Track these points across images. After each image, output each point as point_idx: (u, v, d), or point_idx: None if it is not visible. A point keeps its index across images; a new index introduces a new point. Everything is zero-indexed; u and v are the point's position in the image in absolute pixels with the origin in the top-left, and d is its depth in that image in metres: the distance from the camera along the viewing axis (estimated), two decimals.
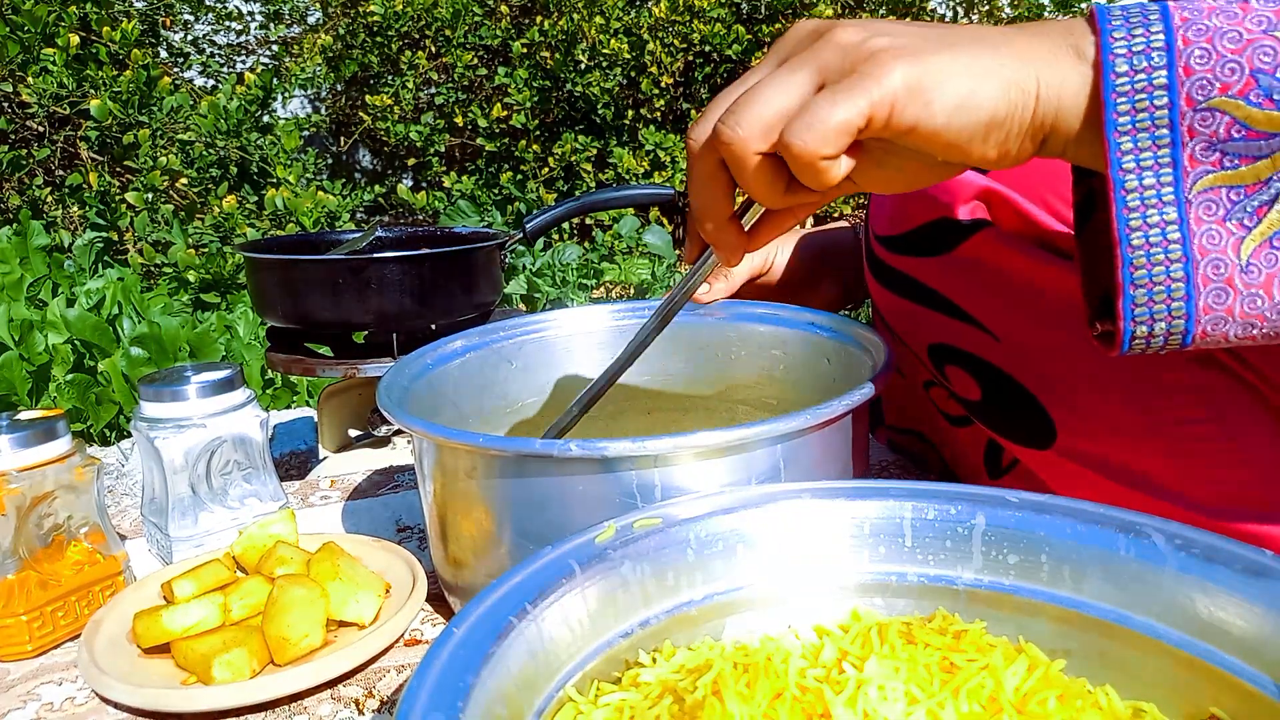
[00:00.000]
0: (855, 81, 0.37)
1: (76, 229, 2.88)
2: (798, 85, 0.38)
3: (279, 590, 0.57)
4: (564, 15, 3.36)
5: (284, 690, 0.53)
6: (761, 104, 0.38)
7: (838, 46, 0.38)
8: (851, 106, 0.36)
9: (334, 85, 3.62)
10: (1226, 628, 0.37)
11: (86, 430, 1.63)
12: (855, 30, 0.38)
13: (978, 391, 0.62)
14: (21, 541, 0.60)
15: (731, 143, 0.39)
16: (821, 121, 0.37)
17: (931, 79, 0.37)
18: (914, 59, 0.37)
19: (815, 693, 0.35)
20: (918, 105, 0.36)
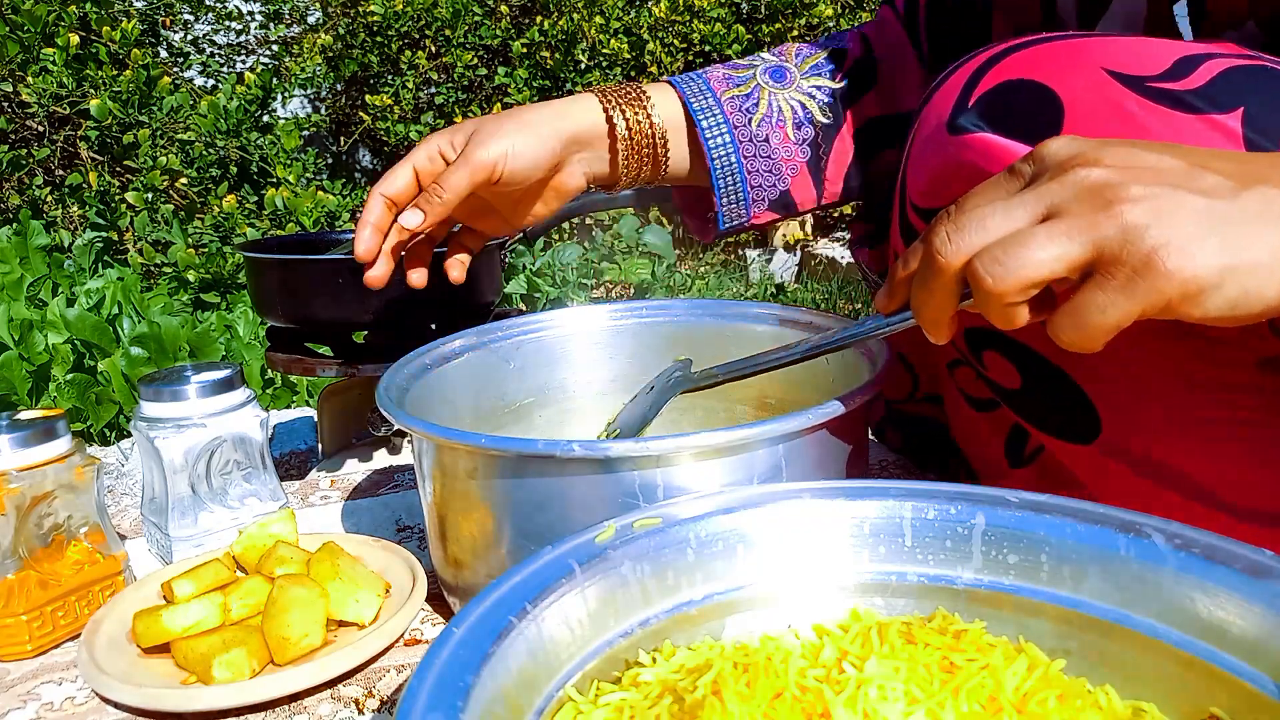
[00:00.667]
0: (1132, 286, 0.36)
1: (76, 229, 2.89)
2: (1069, 257, 0.37)
3: (279, 590, 0.57)
4: (564, 15, 3.36)
5: (284, 690, 0.53)
6: (1029, 266, 0.37)
7: (1121, 229, 0.36)
8: (1123, 313, 0.37)
9: (334, 85, 3.62)
10: (1226, 627, 0.37)
11: (86, 430, 1.63)
12: (1144, 208, 0.36)
13: (1018, 380, 0.60)
14: (21, 541, 0.60)
15: (990, 291, 0.38)
16: (1093, 324, 0.37)
17: (1209, 281, 0.36)
18: (1194, 256, 0.36)
19: (815, 692, 0.35)
20: (1189, 306, 0.36)
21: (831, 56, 0.77)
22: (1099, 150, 0.39)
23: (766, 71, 0.75)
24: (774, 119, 0.75)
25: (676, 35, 3.38)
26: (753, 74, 0.75)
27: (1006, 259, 0.38)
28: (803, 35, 3.57)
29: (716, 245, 3.51)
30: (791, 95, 0.75)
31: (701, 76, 0.76)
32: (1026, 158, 0.41)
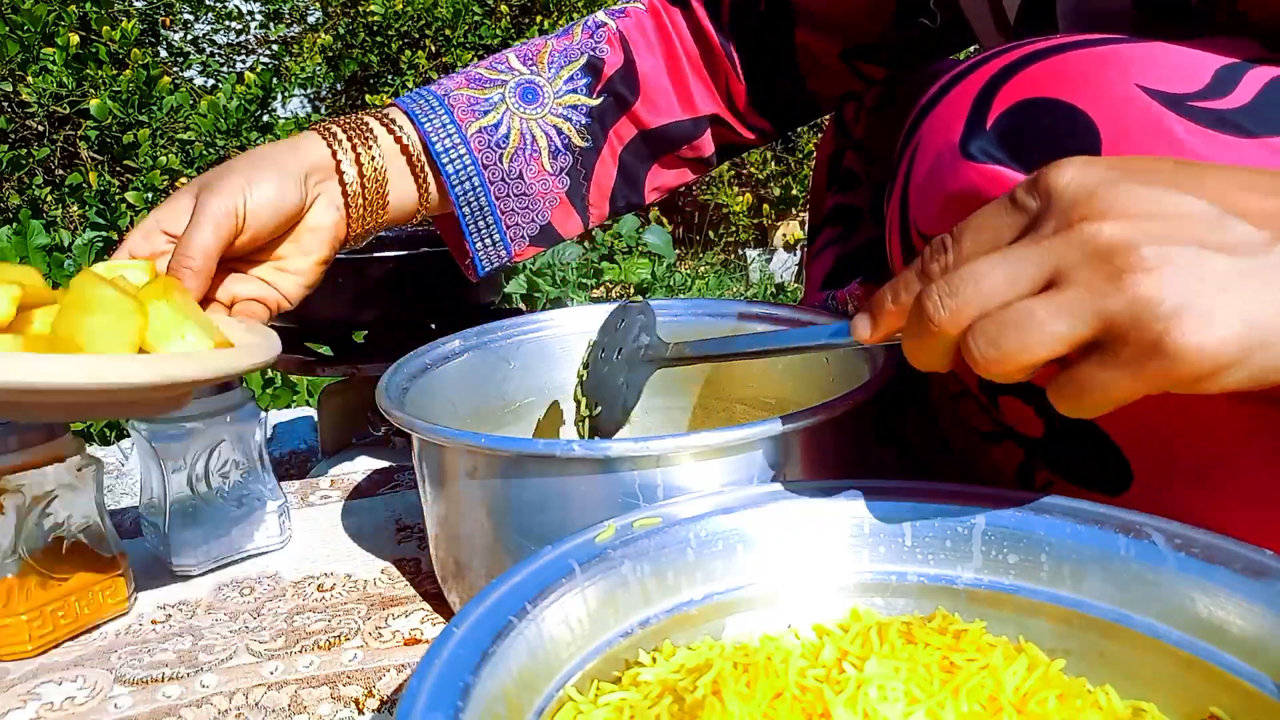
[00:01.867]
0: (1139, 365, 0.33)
1: (76, 228, 2.89)
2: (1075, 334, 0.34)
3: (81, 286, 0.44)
4: (564, 15, 3.36)
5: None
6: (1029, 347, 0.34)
7: (1131, 303, 0.32)
8: (1129, 392, 0.34)
9: (334, 85, 3.62)
10: (1227, 627, 0.37)
11: (86, 430, 1.63)
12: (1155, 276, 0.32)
13: (1040, 429, 0.55)
14: (21, 541, 0.60)
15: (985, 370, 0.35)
16: (1095, 400, 0.34)
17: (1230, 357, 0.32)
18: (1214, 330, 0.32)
19: (815, 692, 0.35)
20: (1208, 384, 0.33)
21: (587, 68, 0.71)
22: (1113, 192, 0.34)
23: (516, 91, 0.69)
24: (527, 150, 0.69)
25: None
26: (501, 95, 0.68)
27: (1003, 341, 0.34)
28: None
29: (717, 245, 3.51)
30: (545, 120, 0.70)
31: (442, 102, 0.68)
32: (1031, 187, 0.37)
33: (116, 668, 0.59)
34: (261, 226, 0.61)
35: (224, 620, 0.64)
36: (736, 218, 3.42)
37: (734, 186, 3.41)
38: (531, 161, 0.69)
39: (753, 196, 3.42)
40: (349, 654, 0.59)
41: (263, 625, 0.63)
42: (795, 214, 3.48)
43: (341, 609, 0.65)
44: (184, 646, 0.61)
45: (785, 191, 3.40)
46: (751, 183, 3.51)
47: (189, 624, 0.64)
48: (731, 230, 3.48)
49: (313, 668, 0.58)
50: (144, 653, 0.60)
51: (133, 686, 0.57)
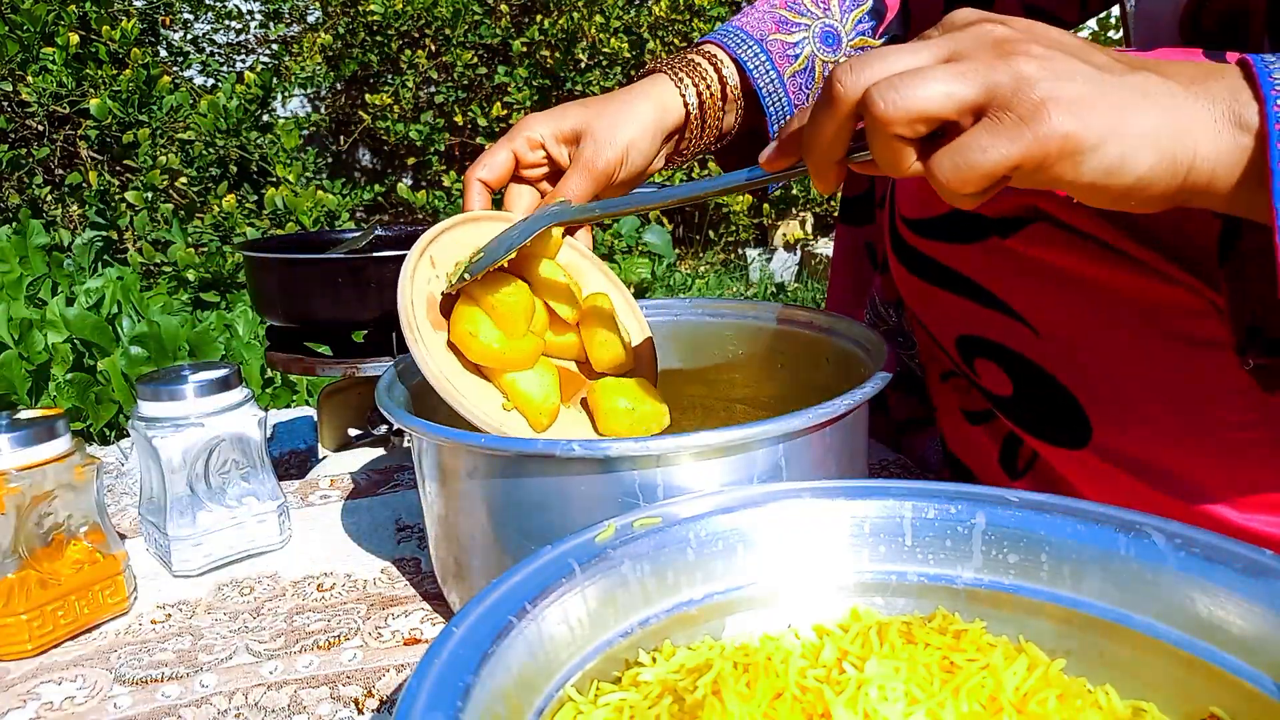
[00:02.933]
0: (1016, 130, 0.37)
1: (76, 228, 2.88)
2: (960, 95, 0.38)
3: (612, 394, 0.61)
4: (564, 14, 3.36)
5: None
6: (920, 95, 0.38)
7: (1015, 76, 0.37)
8: (1003, 155, 0.37)
9: (334, 84, 3.61)
10: (1226, 627, 0.37)
11: (86, 429, 1.63)
12: (1038, 64, 0.37)
13: (1009, 387, 0.61)
14: (21, 540, 0.60)
15: (879, 117, 0.39)
16: (972, 164, 0.38)
17: (1090, 140, 0.37)
18: (1081, 115, 0.37)
19: (815, 692, 0.35)
20: (1067, 164, 0.37)
21: (873, 12, 0.76)
22: (1004, 17, 0.40)
23: (819, 36, 0.75)
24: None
25: (677, 34, 3.38)
26: (806, 39, 0.74)
27: (901, 86, 0.38)
28: None
29: (717, 244, 3.51)
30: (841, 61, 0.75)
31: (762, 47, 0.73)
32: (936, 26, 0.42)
33: (116, 667, 0.59)
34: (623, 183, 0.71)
35: (223, 620, 0.64)
36: (736, 217, 3.42)
37: None
38: None
39: (753, 196, 3.43)
40: (348, 654, 0.59)
41: (262, 625, 0.63)
42: (795, 214, 3.48)
43: (341, 609, 0.65)
44: (183, 646, 0.61)
45: (785, 191, 3.40)
46: None
47: (189, 624, 0.64)
48: (731, 230, 3.48)
49: (312, 668, 0.58)
50: (143, 652, 0.60)
51: (132, 686, 0.57)
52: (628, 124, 0.68)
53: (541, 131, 0.68)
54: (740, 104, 0.74)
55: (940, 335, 0.65)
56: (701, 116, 0.72)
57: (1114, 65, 0.38)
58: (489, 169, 0.68)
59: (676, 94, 0.71)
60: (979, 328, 0.60)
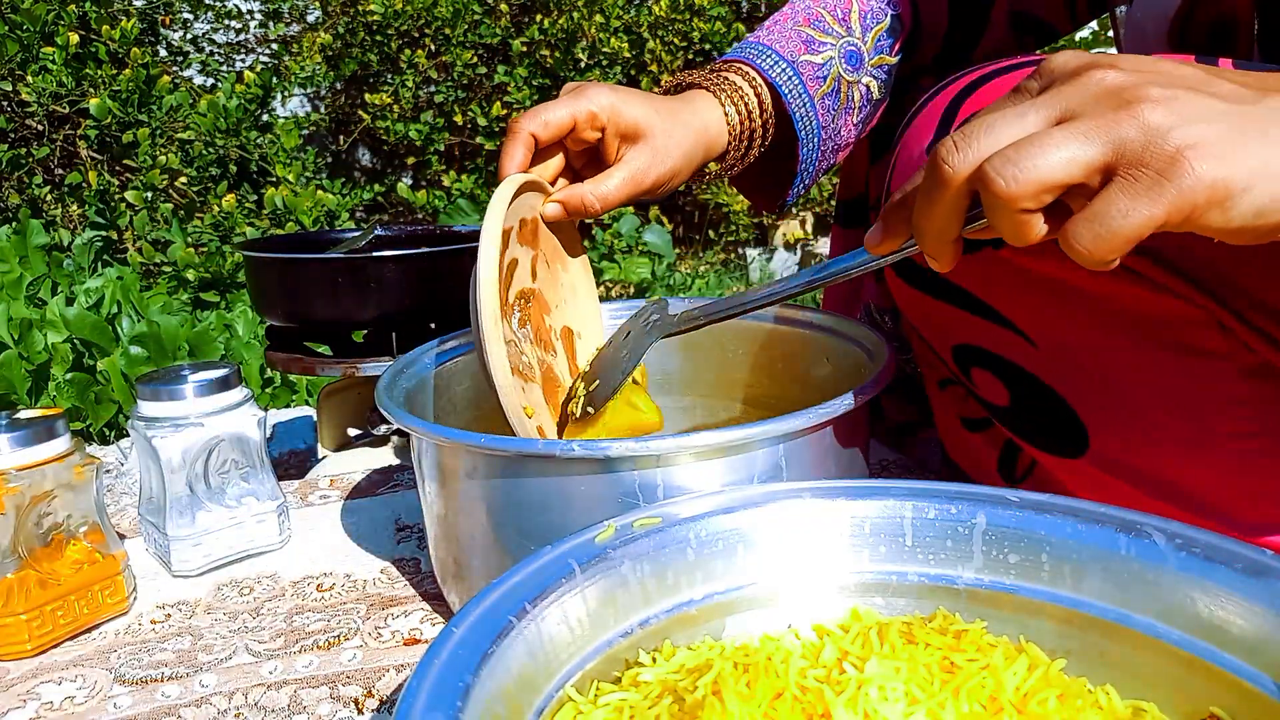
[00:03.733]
0: (1156, 186, 0.34)
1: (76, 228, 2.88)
2: (1088, 158, 0.35)
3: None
4: (564, 13, 3.36)
5: None
6: (1045, 163, 0.35)
7: (1143, 130, 0.34)
8: (1146, 217, 0.34)
9: (333, 84, 3.61)
10: (1227, 627, 0.37)
11: (86, 429, 1.63)
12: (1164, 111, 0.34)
13: (1006, 397, 0.60)
14: (21, 540, 0.60)
15: (1002, 194, 0.35)
16: (1115, 231, 0.34)
17: (1238, 184, 0.34)
18: (1224, 158, 0.34)
19: (816, 693, 0.35)
20: (1216, 212, 0.34)
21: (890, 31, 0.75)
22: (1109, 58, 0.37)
23: (843, 56, 0.73)
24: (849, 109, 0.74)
25: (677, 34, 3.38)
26: (832, 60, 0.72)
27: (1020, 160, 0.35)
28: None
29: (717, 244, 3.50)
30: (862, 81, 0.74)
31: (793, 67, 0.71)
32: (1034, 73, 0.39)
33: (116, 667, 0.59)
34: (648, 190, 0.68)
35: (223, 620, 0.64)
36: (736, 217, 3.42)
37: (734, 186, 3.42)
38: (846, 118, 0.74)
39: None
40: (348, 654, 0.59)
41: (262, 625, 0.63)
42: (795, 213, 3.48)
43: (341, 609, 0.65)
44: (183, 646, 0.61)
45: None
46: None
47: (188, 624, 0.64)
48: (731, 230, 3.48)
49: (312, 668, 0.58)
50: (143, 652, 0.60)
51: (132, 686, 0.57)
52: (683, 143, 0.66)
53: (608, 115, 0.64)
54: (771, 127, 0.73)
55: (937, 345, 0.65)
56: (739, 140, 0.71)
57: (1242, 93, 0.36)
58: (546, 126, 0.63)
59: (721, 116, 0.70)
60: (975, 338, 0.60)
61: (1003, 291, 0.58)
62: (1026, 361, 0.58)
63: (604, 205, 0.64)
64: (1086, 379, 0.56)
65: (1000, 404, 0.61)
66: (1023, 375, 0.59)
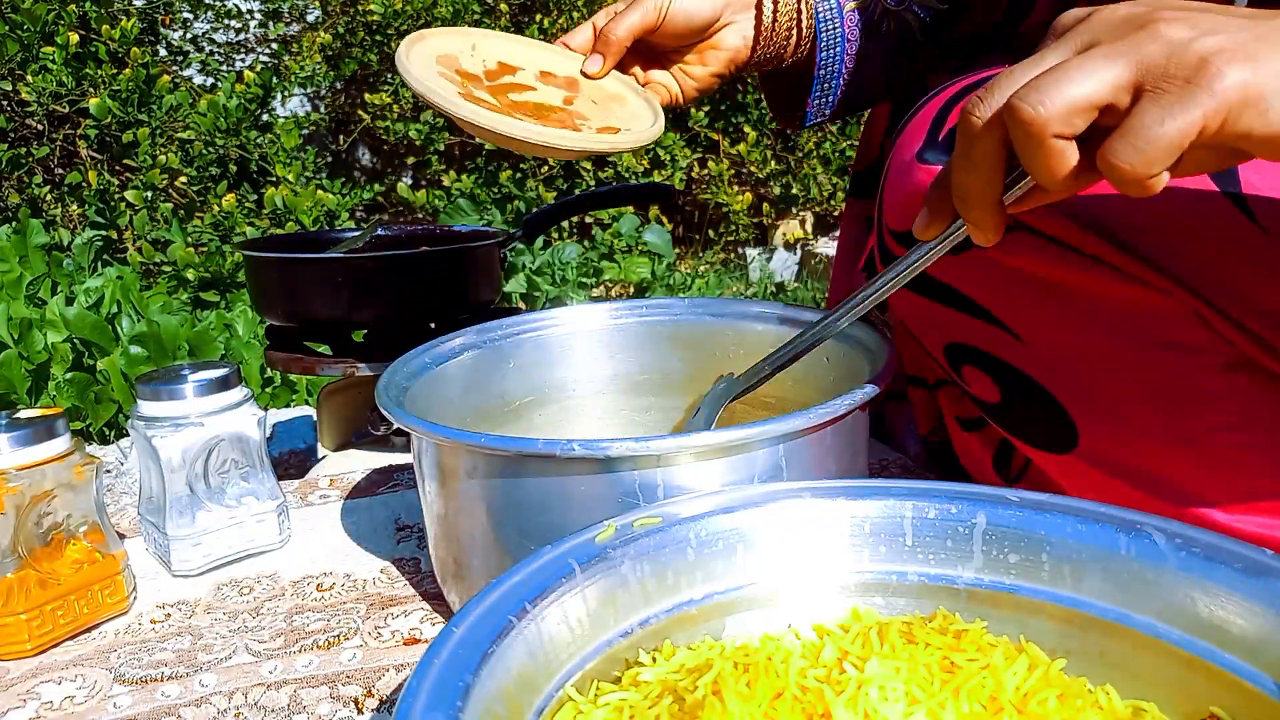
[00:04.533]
0: (1187, 93, 0.34)
1: (76, 227, 2.88)
2: (1114, 76, 0.35)
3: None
4: (563, 13, 3.36)
5: None
6: (1071, 85, 0.35)
7: (1165, 43, 0.34)
8: (1184, 121, 0.34)
9: (333, 84, 3.61)
10: (1227, 627, 0.36)
11: (85, 429, 1.63)
12: (1181, 25, 0.35)
13: (996, 394, 0.61)
14: (21, 540, 0.60)
15: (1033, 121, 0.35)
16: (1152, 142, 0.34)
17: (1270, 85, 0.34)
18: (1249, 62, 0.34)
19: (816, 692, 0.35)
20: (1252, 114, 0.34)
21: None
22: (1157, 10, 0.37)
23: None
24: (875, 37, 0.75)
25: None
26: None
27: (1046, 86, 0.35)
28: None
29: (717, 244, 3.51)
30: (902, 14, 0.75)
31: None
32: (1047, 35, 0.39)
33: (116, 667, 0.59)
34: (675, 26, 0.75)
35: (223, 620, 0.64)
36: (736, 217, 3.42)
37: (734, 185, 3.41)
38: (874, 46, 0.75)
39: (753, 195, 3.42)
40: (348, 653, 0.59)
41: (262, 625, 0.63)
42: (795, 213, 3.48)
43: (341, 608, 0.65)
44: (183, 646, 0.61)
45: (785, 190, 3.39)
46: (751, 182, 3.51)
47: (188, 623, 0.64)
48: (731, 229, 3.48)
49: (312, 667, 0.58)
50: (143, 652, 0.60)
51: (132, 686, 0.57)
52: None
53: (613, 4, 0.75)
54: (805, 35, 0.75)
55: (929, 344, 0.65)
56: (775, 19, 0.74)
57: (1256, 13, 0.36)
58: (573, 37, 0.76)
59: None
60: (965, 336, 0.61)
61: (989, 289, 0.58)
62: (1015, 358, 0.59)
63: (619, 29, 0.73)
64: (1074, 375, 0.57)
65: (991, 401, 0.62)
66: (1012, 372, 0.59)
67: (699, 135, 3.54)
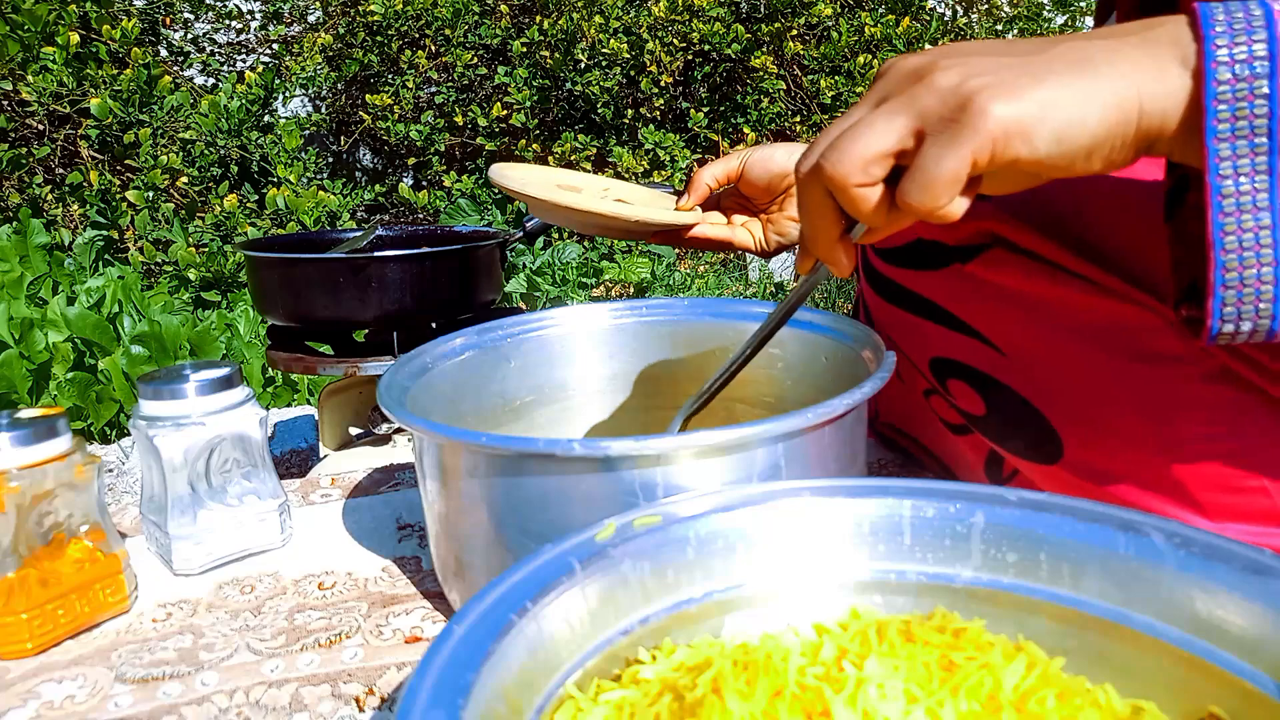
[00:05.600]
0: (956, 132, 0.38)
1: (77, 227, 2.88)
2: (897, 129, 0.40)
3: None
4: (563, 14, 3.36)
5: None
6: (862, 144, 0.40)
7: (936, 91, 0.39)
8: (956, 159, 0.38)
9: (334, 84, 3.61)
10: (1226, 626, 0.37)
11: (87, 428, 1.63)
12: (953, 72, 0.39)
13: (982, 406, 0.61)
14: (22, 539, 0.60)
15: (834, 177, 0.41)
16: (932, 178, 0.39)
17: (1030, 116, 0.37)
18: (1010, 97, 0.38)
19: (815, 691, 0.35)
20: (1018, 143, 0.38)
21: None
22: (926, 50, 0.43)
23: None
24: None
25: (676, 35, 3.38)
26: None
27: (842, 144, 0.41)
28: (802, 35, 3.57)
29: None
30: None
31: None
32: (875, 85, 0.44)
33: (117, 666, 0.59)
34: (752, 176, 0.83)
35: (224, 618, 0.64)
36: None
37: None
38: None
39: None
40: (350, 652, 0.59)
41: (263, 623, 0.63)
42: None
43: (342, 607, 0.65)
44: (184, 645, 0.61)
45: None
46: None
47: (189, 622, 0.64)
48: None
49: (313, 666, 0.58)
50: (144, 651, 0.61)
51: (133, 685, 0.57)
52: None
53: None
54: None
55: (915, 358, 0.66)
56: None
57: (1035, 47, 0.40)
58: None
59: None
60: (949, 350, 0.61)
61: (970, 304, 0.59)
62: (998, 372, 0.59)
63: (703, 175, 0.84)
64: (1056, 387, 0.57)
65: (977, 414, 0.62)
66: (995, 385, 0.60)
67: (698, 135, 3.54)
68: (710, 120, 3.53)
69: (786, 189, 0.85)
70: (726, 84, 3.63)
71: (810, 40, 3.58)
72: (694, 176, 0.86)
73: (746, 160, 0.84)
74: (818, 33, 3.59)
